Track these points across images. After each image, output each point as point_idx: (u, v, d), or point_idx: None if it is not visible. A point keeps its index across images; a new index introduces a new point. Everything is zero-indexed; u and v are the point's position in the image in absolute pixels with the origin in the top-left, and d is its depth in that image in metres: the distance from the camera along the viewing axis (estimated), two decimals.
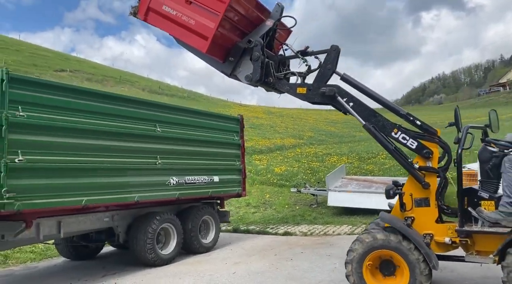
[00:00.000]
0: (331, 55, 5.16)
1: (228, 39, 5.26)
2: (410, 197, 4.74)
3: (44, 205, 5.26)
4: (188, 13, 5.17)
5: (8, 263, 7.84)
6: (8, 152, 4.86)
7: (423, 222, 4.68)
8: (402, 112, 4.94)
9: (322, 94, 5.05)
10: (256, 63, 5.12)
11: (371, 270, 4.59)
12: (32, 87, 5.24)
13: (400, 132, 4.79)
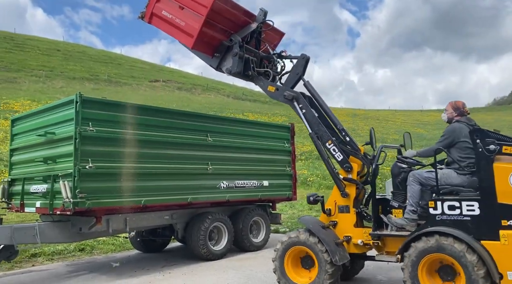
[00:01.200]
0: (300, 62, 5.96)
1: (213, 38, 6.20)
2: (335, 204, 5.40)
3: (109, 204, 6.34)
4: (180, 16, 6.24)
5: (94, 252, 9.26)
6: (80, 160, 5.99)
7: (343, 226, 5.36)
8: (339, 126, 5.71)
9: (284, 96, 5.80)
10: (234, 58, 5.99)
11: (293, 265, 5.37)
12: (100, 106, 6.37)
13: (332, 144, 5.46)
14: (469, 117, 5.10)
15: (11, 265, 7.96)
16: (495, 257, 4.24)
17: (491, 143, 4.37)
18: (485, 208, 4.38)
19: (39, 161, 6.72)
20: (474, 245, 4.26)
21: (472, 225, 4.40)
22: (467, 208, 4.46)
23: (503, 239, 4.23)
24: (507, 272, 4.17)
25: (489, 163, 4.38)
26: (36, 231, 6.39)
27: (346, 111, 70.87)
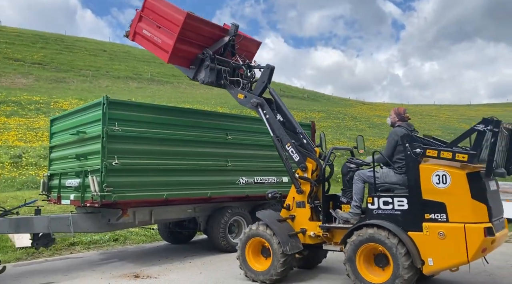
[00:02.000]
0: (265, 71, 6.65)
1: (188, 52, 6.97)
2: (293, 199, 6.01)
3: (133, 197, 6.88)
4: (157, 35, 7.05)
5: (126, 242, 9.96)
6: (107, 157, 6.56)
7: (300, 219, 5.95)
8: (298, 130, 6.30)
9: (250, 102, 6.52)
10: (206, 70, 6.80)
11: (252, 254, 5.98)
12: (125, 107, 6.92)
13: (291, 146, 6.12)
14: (409, 123, 5.59)
15: (52, 252, 8.76)
16: (418, 246, 4.80)
17: (418, 147, 4.89)
18: (412, 204, 4.92)
19: (72, 158, 7.37)
20: (403, 237, 4.78)
21: (401, 218, 4.97)
22: (398, 203, 5.03)
23: (426, 230, 4.80)
24: (428, 258, 4.74)
25: (416, 164, 4.92)
26: (70, 221, 7.05)
27: (388, 106, 69.27)
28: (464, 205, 4.66)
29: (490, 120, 4.64)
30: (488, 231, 4.54)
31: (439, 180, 4.79)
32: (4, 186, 14.49)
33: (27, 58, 46.65)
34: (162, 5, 7.07)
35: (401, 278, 4.72)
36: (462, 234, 4.58)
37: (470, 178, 4.68)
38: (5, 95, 31.57)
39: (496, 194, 5.17)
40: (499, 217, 5.03)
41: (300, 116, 42.32)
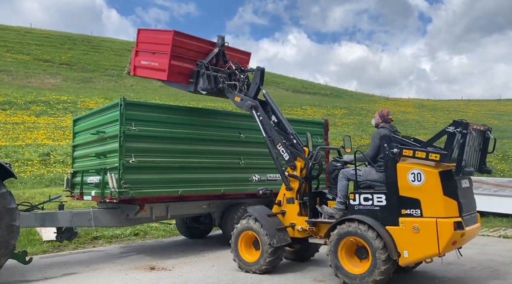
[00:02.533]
0: (256, 73, 7.19)
1: (183, 68, 7.58)
2: (283, 196, 6.41)
3: (150, 193, 7.22)
4: (154, 59, 7.80)
5: (146, 237, 10.37)
6: (124, 155, 6.91)
7: (290, 214, 6.35)
8: (290, 131, 6.65)
9: (245, 105, 6.96)
10: (203, 77, 7.36)
11: (244, 246, 6.41)
12: (141, 108, 7.26)
13: (281, 146, 6.53)
14: (391, 124, 5.90)
15: (76, 246, 9.24)
16: (395, 239, 5.11)
17: (395, 147, 5.20)
18: (390, 200, 5.24)
19: (93, 156, 7.78)
20: (381, 231, 5.09)
21: (380, 214, 5.29)
22: (377, 200, 5.36)
23: (401, 225, 5.12)
24: (403, 251, 5.06)
25: (393, 163, 5.24)
26: (91, 216, 7.47)
27: (413, 102, 68.19)
28: (437, 201, 4.95)
29: (460, 122, 4.93)
30: (457, 225, 4.85)
31: (414, 178, 5.09)
32: (33, 182, 15.20)
33: (55, 59, 48.18)
34: (152, 33, 8.06)
35: (378, 270, 5.02)
36: (434, 228, 4.88)
37: (442, 176, 4.97)
38: (35, 95, 32.80)
39: (469, 191, 5.47)
40: (471, 212, 5.33)
41: (322, 113, 42.21)
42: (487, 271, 6.02)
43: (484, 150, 5.52)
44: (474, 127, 5.17)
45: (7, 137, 21.72)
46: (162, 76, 7.61)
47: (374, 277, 5.04)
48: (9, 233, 5.81)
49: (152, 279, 6.03)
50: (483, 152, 5.51)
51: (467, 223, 5.06)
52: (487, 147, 5.52)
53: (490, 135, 5.45)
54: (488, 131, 5.46)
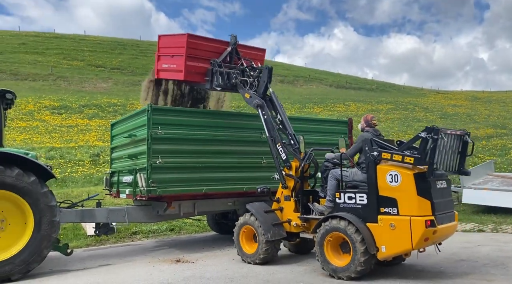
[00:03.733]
0: (264, 72, 7.63)
1: (198, 67, 8.21)
2: (281, 193, 6.88)
3: (176, 191, 7.78)
4: (173, 62, 8.49)
5: (181, 232, 11.04)
6: (152, 157, 7.51)
7: (286, 211, 6.84)
8: (289, 131, 7.06)
9: (253, 103, 7.42)
10: (216, 74, 7.93)
11: (245, 239, 7.07)
12: (167, 113, 7.83)
13: (281, 146, 7.00)
14: (375, 128, 6.35)
15: (116, 240, 10.05)
16: (374, 235, 5.52)
17: (375, 150, 5.63)
18: (370, 199, 5.64)
19: (126, 158, 8.47)
20: (360, 227, 5.52)
21: (362, 211, 5.70)
22: (359, 198, 5.77)
23: (380, 222, 5.51)
24: (381, 246, 5.47)
25: (373, 165, 5.64)
26: (125, 212, 8.16)
27: (465, 94, 65.24)
28: (411, 200, 5.32)
29: (431, 128, 5.30)
30: (429, 223, 5.19)
31: (392, 179, 5.49)
32: (83, 181, 16.40)
33: (107, 64, 50.83)
34: (170, 38, 8.79)
35: (358, 262, 5.45)
36: (408, 225, 5.25)
37: (417, 177, 5.34)
38: (88, 99, 34.96)
39: (445, 191, 5.74)
40: (446, 211, 5.64)
41: (366, 108, 41.56)
42: (499, 268, 6.02)
43: (463, 153, 5.86)
44: (448, 132, 5.49)
45: (62, 139, 23.46)
46: (180, 76, 8.26)
47: (354, 268, 5.49)
48: (50, 227, 6.57)
49: (175, 270, 6.58)
50: (462, 155, 5.86)
51: (440, 221, 5.39)
52: (466, 151, 5.84)
53: (468, 139, 5.76)
54: (466, 136, 5.77)
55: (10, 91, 7.06)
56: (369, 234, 5.52)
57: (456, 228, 6.00)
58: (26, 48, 50.97)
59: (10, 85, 37.72)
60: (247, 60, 8.39)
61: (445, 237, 5.83)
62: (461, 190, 11.44)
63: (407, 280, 5.60)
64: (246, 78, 7.97)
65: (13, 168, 6.35)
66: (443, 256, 6.90)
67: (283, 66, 65.29)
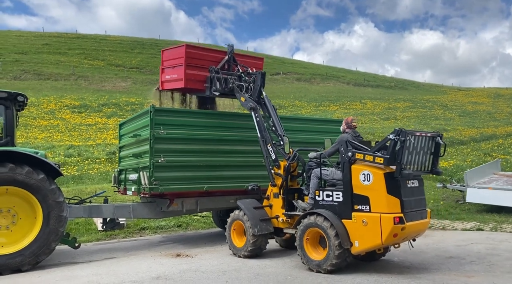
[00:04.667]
0: (257, 76, 8.11)
1: (199, 76, 8.75)
2: (271, 191, 7.25)
3: (177, 189, 8.14)
4: (174, 72, 9.04)
5: (188, 228, 11.42)
6: (154, 156, 7.88)
7: (275, 207, 7.22)
8: (280, 132, 7.42)
9: (247, 106, 7.86)
10: (214, 79, 8.47)
11: (236, 233, 7.44)
12: (168, 114, 8.19)
13: (271, 146, 7.41)
14: (355, 130, 6.69)
15: (125, 235, 10.49)
16: (349, 231, 5.85)
17: (350, 151, 5.99)
18: (346, 197, 5.98)
19: (132, 156, 8.87)
20: (334, 222, 5.86)
21: (338, 208, 6.06)
22: (336, 196, 6.14)
23: (354, 218, 5.85)
24: (355, 241, 5.80)
25: (348, 165, 5.98)
26: (131, 209, 8.56)
27: (487, 92, 63.90)
28: (381, 198, 5.64)
29: (399, 131, 5.57)
30: (398, 220, 5.49)
31: (364, 178, 5.82)
32: (99, 179, 16.99)
33: (126, 63, 51.86)
34: (171, 51, 9.35)
35: (333, 255, 5.80)
36: (378, 222, 5.57)
37: (387, 177, 5.65)
38: (107, 98, 35.83)
39: (417, 190, 5.99)
40: (417, 209, 5.95)
41: (382, 106, 41.26)
42: (483, 265, 6.16)
43: (436, 154, 6.07)
44: (417, 134, 5.74)
45: (81, 137, 24.23)
46: (180, 85, 8.76)
47: (330, 262, 5.85)
48: (58, 222, 7.01)
49: (174, 264, 6.93)
50: (435, 156, 6.12)
51: (410, 219, 5.69)
52: (438, 152, 6.08)
53: (440, 141, 5.99)
54: (439, 137, 6.00)
55: (21, 94, 7.51)
56: (343, 230, 5.86)
57: (428, 225, 6.25)
58: (49, 49, 52.44)
59: (33, 84, 39.04)
60: (243, 66, 8.86)
61: (416, 234, 6.09)
62: (465, 189, 11.45)
63: (390, 274, 5.81)
64: (242, 83, 8.38)
65: (23, 166, 6.80)
66: (435, 253, 7.08)
67: (301, 64, 65.28)
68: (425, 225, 6.15)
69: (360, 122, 32.93)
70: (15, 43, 52.37)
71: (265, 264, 6.72)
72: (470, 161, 17.28)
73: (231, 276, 5.97)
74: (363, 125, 31.06)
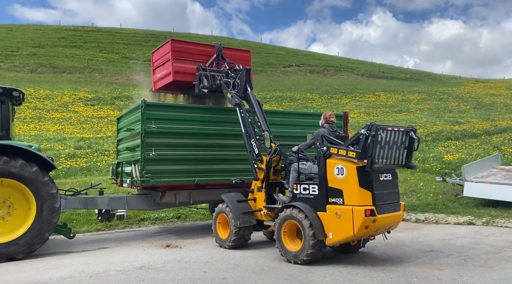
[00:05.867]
0: (243, 72, 8.27)
1: (187, 68, 8.97)
2: (255, 185, 7.48)
3: (168, 182, 8.35)
4: (163, 69, 9.41)
5: (187, 220, 11.69)
6: (145, 149, 8.10)
7: (259, 200, 7.41)
8: (263, 128, 7.64)
9: (233, 102, 8.05)
10: (202, 77, 8.64)
11: (222, 226, 7.66)
12: (159, 108, 8.39)
13: (254, 141, 7.61)
14: (332, 125, 6.88)
15: (125, 225, 10.80)
16: (323, 223, 6.02)
17: (325, 145, 6.15)
18: (321, 190, 6.14)
19: (126, 150, 9.12)
20: (309, 215, 6.03)
21: (314, 201, 6.22)
22: (312, 189, 6.30)
23: (328, 211, 6.02)
24: (329, 233, 5.98)
25: (323, 159, 6.14)
26: (125, 200, 8.83)
27: (507, 83, 62.57)
28: (354, 191, 5.79)
29: (370, 126, 5.70)
30: (369, 213, 5.63)
31: (338, 171, 5.98)
32: (106, 171, 17.35)
33: (140, 56, 52.36)
34: (160, 50, 9.74)
35: (308, 246, 5.98)
36: (350, 214, 5.73)
37: (359, 170, 5.79)
38: (120, 91, 36.40)
39: (390, 183, 6.07)
40: (390, 202, 6.06)
41: (396, 98, 40.80)
42: (459, 258, 6.20)
43: (410, 148, 6.17)
44: (388, 129, 5.82)
45: (92, 130, 24.76)
46: (170, 79, 8.95)
47: (306, 252, 6.02)
48: (51, 213, 7.31)
49: (161, 254, 7.17)
50: (409, 150, 6.19)
51: (382, 211, 5.83)
52: (412, 146, 6.17)
53: (413, 136, 6.07)
54: (412, 132, 6.07)
55: (17, 89, 7.80)
56: (318, 222, 6.03)
57: (401, 217, 6.35)
58: (65, 42, 53.34)
59: (49, 77, 39.87)
60: (230, 62, 9.06)
61: (389, 226, 6.19)
62: (463, 183, 11.38)
63: (364, 266, 5.92)
64: (229, 79, 8.54)
65: (17, 159, 7.10)
66: (416, 247, 7.14)
67: (315, 56, 64.86)
68: (398, 218, 6.25)
69: (371, 115, 32.71)
70: (32, 36, 53.44)
71: (247, 255, 6.90)
72: (476, 154, 17.03)
73: (211, 267, 6.16)
74: (374, 118, 30.85)
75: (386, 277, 5.33)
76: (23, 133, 22.48)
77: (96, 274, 5.89)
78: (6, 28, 57.06)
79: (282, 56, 59.05)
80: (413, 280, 5.17)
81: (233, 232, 7.27)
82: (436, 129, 26.09)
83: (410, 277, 5.28)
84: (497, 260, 6.01)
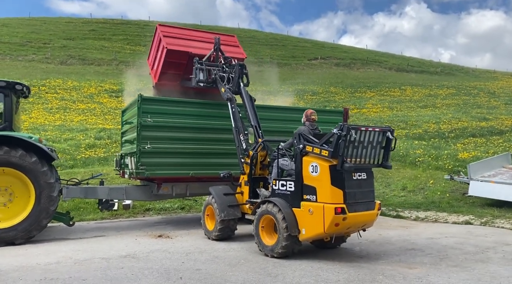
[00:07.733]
0: (236, 68, 8.41)
1: (177, 41, 9.68)
2: (242, 179, 7.58)
3: (163, 174, 8.61)
4: (157, 53, 10.13)
5: (191, 211, 11.97)
6: (141, 142, 8.36)
7: (245, 194, 7.52)
8: (253, 122, 7.79)
9: (225, 97, 8.20)
10: (197, 71, 8.81)
11: (210, 218, 7.86)
12: (155, 102, 8.62)
13: (242, 136, 7.72)
14: (312, 123, 6.98)
15: (129, 215, 11.19)
16: (298, 219, 6.12)
17: (301, 143, 6.21)
18: (297, 187, 6.25)
19: (126, 142, 9.44)
20: (284, 210, 6.16)
21: (290, 197, 6.34)
22: (289, 186, 6.42)
23: (302, 207, 6.12)
24: (302, 228, 6.09)
25: (300, 157, 6.22)
26: (124, 191, 9.16)
27: None
28: (326, 189, 5.87)
29: (342, 126, 5.75)
30: (340, 211, 5.70)
31: (312, 169, 6.07)
32: None
33: None
34: (151, 47, 10.56)
35: (282, 241, 6.14)
36: (321, 211, 5.82)
37: (332, 169, 5.86)
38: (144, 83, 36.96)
39: (364, 182, 6.05)
40: (363, 201, 6.11)
41: (423, 93, 39.80)
42: (436, 258, 6.16)
43: (386, 148, 6.15)
44: (362, 129, 5.82)
45: (114, 121, 25.46)
46: (164, 54, 9.50)
47: (280, 245, 6.17)
48: (49, 201, 7.70)
49: (149, 244, 7.43)
50: (386, 150, 6.16)
51: (354, 210, 5.89)
52: (389, 146, 6.15)
53: (390, 136, 6.06)
54: (389, 132, 6.05)
55: (20, 83, 8.20)
56: (292, 218, 6.15)
57: (375, 216, 6.32)
58: (95, 34, 54.77)
59: (77, 69, 41.15)
60: (226, 57, 9.15)
61: (362, 224, 6.22)
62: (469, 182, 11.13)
63: (338, 262, 5.99)
64: (223, 74, 8.68)
65: (17, 149, 7.51)
66: (400, 245, 7.12)
67: (342, 49, 63.94)
68: (372, 216, 6.26)
69: (395, 110, 32.07)
70: (64, 29, 55.16)
71: (230, 247, 7.06)
72: (493, 152, 16.51)
73: (191, 258, 6.36)
74: (397, 113, 30.26)
75: (353, 273, 5.38)
76: (48, 123, 23.44)
77: (81, 261, 6.20)
78: (40, 21, 59.13)
79: (308, 49, 58.55)
80: (379, 277, 5.19)
81: (218, 224, 7.46)
82: (460, 126, 25.27)
83: (377, 274, 5.31)
84: (473, 261, 5.93)
